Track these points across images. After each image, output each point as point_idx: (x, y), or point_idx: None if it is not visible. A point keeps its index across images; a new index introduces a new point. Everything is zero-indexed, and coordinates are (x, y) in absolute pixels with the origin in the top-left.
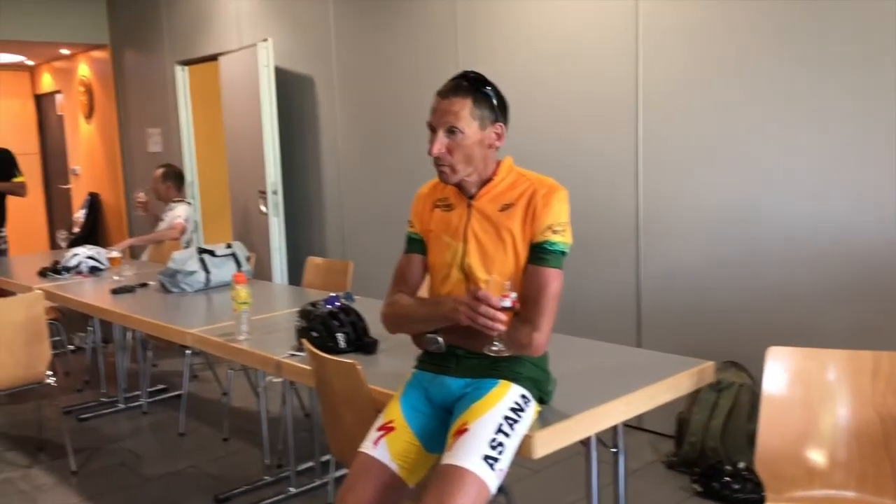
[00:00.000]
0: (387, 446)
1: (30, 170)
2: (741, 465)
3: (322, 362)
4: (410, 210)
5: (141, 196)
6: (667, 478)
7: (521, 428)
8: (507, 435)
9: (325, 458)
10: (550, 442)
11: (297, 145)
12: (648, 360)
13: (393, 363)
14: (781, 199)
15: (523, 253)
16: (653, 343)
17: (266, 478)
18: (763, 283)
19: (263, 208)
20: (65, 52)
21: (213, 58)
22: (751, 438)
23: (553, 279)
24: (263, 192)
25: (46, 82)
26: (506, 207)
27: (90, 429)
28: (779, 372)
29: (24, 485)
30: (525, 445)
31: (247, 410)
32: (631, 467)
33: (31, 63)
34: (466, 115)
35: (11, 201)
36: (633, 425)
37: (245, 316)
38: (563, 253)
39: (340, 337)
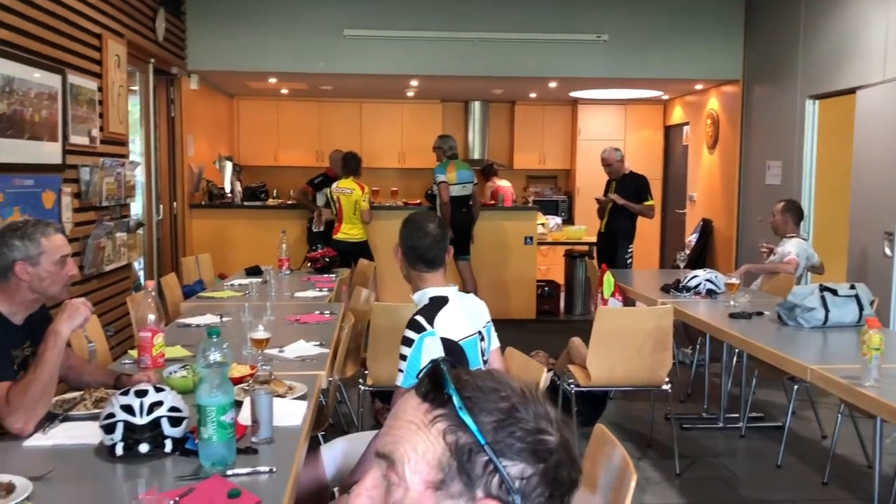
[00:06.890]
0: None
1: (654, 194)
2: None
3: None
4: None
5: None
6: None
7: None
8: None
9: None
10: None
11: None
12: None
13: None
14: None
15: None
16: None
17: None
18: None
19: (888, 251)
20: (698, 87)
21: (850, 91)
22: None
23: None
24: (891, 234)
25: (677, 115)
26: None
27: (690, 438)
28: None
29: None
30: None
31: (849, 459)
32: None
33: (665, 97)
34: None
35: (639, 221)
36: None
37: (876, 362)
38: None
39: None
